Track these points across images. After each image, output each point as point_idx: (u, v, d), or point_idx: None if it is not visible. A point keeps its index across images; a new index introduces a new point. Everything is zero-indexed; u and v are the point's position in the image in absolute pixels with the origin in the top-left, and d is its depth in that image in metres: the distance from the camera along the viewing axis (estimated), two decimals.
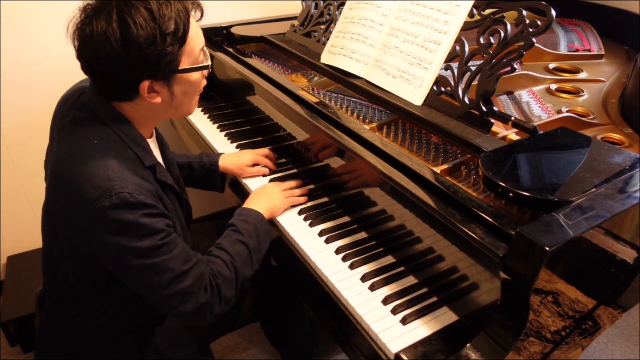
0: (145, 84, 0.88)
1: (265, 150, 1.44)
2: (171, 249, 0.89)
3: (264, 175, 1.40)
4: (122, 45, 0.82)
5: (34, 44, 1.69)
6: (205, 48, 0.96)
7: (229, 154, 1.43)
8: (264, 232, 1.12)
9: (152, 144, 1.03)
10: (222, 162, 1.38)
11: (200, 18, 0.95)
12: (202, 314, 0.93)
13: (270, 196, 1.21)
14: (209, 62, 0.97)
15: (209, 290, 0.94)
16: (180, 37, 0.87)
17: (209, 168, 1.37)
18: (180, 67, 0.90)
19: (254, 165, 1.39)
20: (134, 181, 0.86)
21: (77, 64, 0.90)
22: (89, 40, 0.84)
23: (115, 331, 1.05)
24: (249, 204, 1.18)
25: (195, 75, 0.95)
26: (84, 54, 0.87)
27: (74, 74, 1.72)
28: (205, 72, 0.98)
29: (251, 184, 1.37)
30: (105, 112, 0.93)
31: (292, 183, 1.30)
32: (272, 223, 1.23)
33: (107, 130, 0.92)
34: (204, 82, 1.00)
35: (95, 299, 1.00)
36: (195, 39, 0.92)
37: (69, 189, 0.86)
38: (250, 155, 1.40)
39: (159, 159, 1.07)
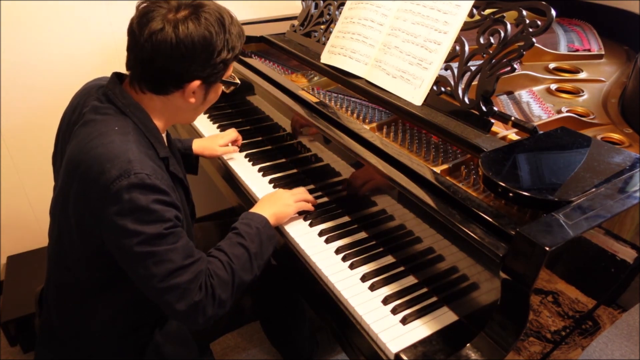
0: (195, 83, 0.94)
1: (234, 135, 1.52)
2: (175, 241, 0.89)
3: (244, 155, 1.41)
4: (202, 45, 0.90)
5: (34, 44, 1.69)
6: None
7: (201, 138, 1.52)
8: (267, 237, 1.09)
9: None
10: (195, 147, 1.47)
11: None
12: (195, 315, 0.92)
13: (279, 202, 1.19)
14: (238, 81, 1.07)
15: (202, 290, 0.92)
16: (237, 53, 0.99)
17: (183, 153, 1.42)
18: (223, 78, 1.01)
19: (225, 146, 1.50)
20: (152, 166, 0.89)
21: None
22: (165, 33, 0.88)
23: (116, 331, 1.05)
24: (255, 208, 1.17)
25: (221, 88, 1.05)
26: (150, 44, 0.89)
27: (74, 74, 1.72)
28: (224, 88, 1.07)
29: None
30: (125, 102, 0.96)
31: (302, 190, 1.27)
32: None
33: (126, 119, 0.96)
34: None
35: (99, 296, 1.01)
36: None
37: (88, 171, 0.88)
38: (219, 138, 1.51)
39: None
